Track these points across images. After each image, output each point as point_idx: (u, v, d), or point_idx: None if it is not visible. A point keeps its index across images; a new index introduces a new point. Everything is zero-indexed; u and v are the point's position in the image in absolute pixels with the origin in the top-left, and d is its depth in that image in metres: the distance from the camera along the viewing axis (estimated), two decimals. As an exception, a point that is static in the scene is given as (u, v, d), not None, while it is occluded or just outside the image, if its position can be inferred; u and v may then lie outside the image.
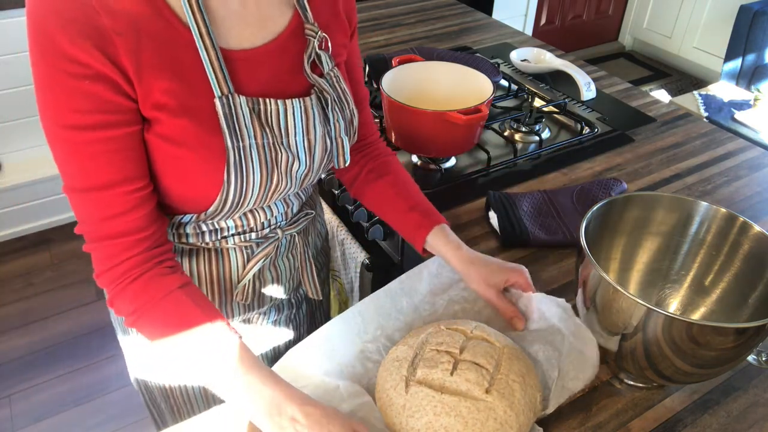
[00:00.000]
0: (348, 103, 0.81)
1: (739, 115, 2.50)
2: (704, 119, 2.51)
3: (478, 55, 1.62)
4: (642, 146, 1.30)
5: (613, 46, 4.30)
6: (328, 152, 0.80)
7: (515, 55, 1.58)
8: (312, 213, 0.92)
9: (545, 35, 3.94)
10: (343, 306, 1.46)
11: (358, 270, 1.27)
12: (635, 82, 3.86)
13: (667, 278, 0.83)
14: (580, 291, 0.75)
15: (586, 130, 1.35)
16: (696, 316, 0.81)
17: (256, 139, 0.71)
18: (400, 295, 0.87)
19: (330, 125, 0.79)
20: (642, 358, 0.71)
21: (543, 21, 3.89)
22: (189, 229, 0.79)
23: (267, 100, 0.72)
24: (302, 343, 0.78)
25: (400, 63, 1.25)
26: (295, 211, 0.89)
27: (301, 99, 0.75)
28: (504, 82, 1.53)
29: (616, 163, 1.24)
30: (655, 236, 0.82)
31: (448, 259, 0.86)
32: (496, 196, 1.07)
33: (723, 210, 0.77)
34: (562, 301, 0.80)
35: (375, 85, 1.43)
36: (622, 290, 0.66)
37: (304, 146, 0.76)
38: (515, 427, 0.68)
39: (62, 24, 0.59)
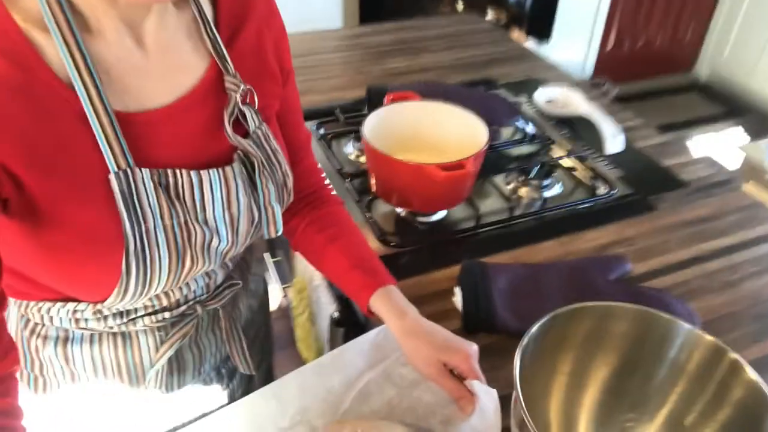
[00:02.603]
0: (280, 165, 0.70)
1: (814, 170, 2.21)
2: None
3: (497, 92, 1.48)
4: (664, 217, 1.12)
5: (687, 77, 3.98)
6: (255, 223, 0.70)
7: (539, 95, 1.44)
8: (238, 284, 0.81)
9: (611, 60, 3.69)
10: (318, 354, 1.36)
11: (327, 323, 1.17)
12: (708, 120, 3.55)
13: (635, 407, 0.68)
14: None
15: (602, 190, 1.19)
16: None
17: (162, 219, 0.60)
18: (332, 372, 0.77)
19: (258, 192, 0.68)
20: None
21: (610, 45, 3.65)
22: (88, 314, 0.69)
23: (178, 172, 0.61)
24: (196, 426, 0.69)
25: (394, 100, 1.14)
26: (219, 282, 0.78)
27: (220, 169, 0.64)
28: (522, 125, 1.39)
29: (627, 236, 1.07)
30: (618, 353, 0.67)
31: (390, 327, 0.75)
32: (468, 268, 0.94)
33: (709, 338, 0.62)
34: (494, 392, 0.68)
35: (374, 120, 1.33)
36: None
37: (224, 221, 0.66)
38: None
39: None
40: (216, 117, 0.65)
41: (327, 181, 0.90)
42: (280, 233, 0.72)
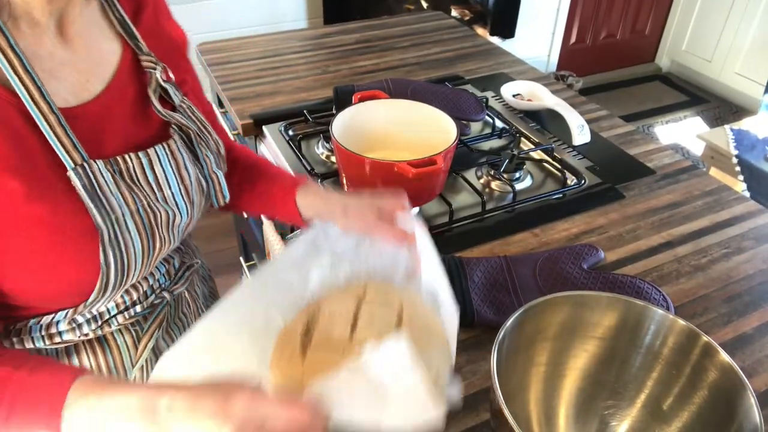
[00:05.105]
0: (210, 133, 0.72)
1: (774, 154, 2.27)
2: (734, 157, 2.30)
3: (464, 88, 1.48)
4: (633, 204, 1.14)
5: (649, 67, 4.06)
6: (205, 193, 0.71)
7: (506, 89, 1.44)
8: (196, 263, 0.82)
9: (574, 54, 3.74)
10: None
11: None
12: (671, 108, 3.63)
13: (614, 394, 0.68)
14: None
15: (572, 180, 1.20)
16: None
17: (128, 205, 0.61)
18: (289, 270, 0.72)
19: (201, 162, 0.70)
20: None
21: (573, 39, 3.70)
22: (62, 326, 0.67)
23: (127, 157, 0.61)
24: (176, 345, 0.65)
25: (362, 100, 1.13)
26: (177, 266, 0.79)
27: (164, 144, 0.65)
28: (490, 120, 1.39)
29: (598, 225, 1.08)
30: (594, 341, 0.67)
31: (322, 210, 0.77)
32: (443, 263, 0.93)
33: (682, 322, 0.63)
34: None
35: (343, 119, 1.31)
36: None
37: (182, 195, 0.67)
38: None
39: None
40: (142, 97, 0.66)
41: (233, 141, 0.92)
42: (227, 200, 0.74)
